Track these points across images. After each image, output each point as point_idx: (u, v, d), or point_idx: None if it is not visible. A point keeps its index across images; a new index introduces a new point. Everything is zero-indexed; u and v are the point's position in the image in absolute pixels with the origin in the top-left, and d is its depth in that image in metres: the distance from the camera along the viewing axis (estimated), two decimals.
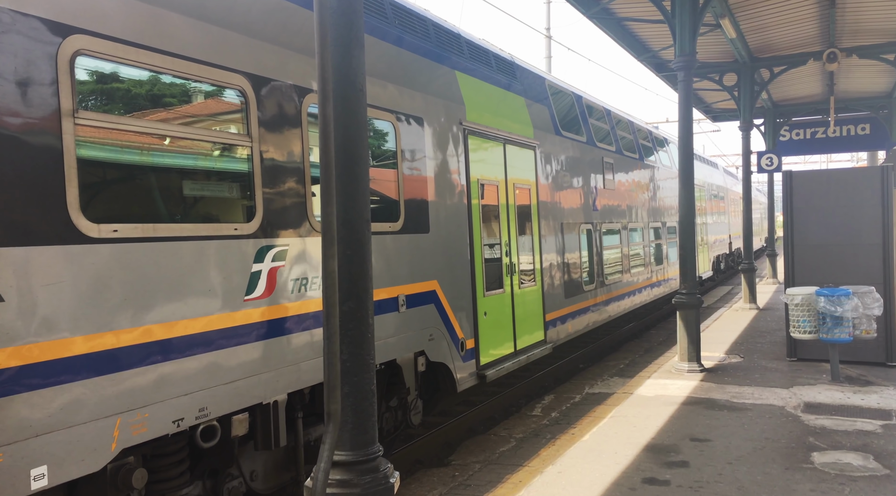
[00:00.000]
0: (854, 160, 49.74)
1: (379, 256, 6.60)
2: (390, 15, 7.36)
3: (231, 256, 4.92)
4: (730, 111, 22.75)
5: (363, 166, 3.19)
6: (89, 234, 3.96)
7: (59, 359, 3.80)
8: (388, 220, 6.80)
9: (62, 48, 3.88)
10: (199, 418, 4.60)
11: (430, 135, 7.61)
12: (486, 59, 9.50)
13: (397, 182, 6.97)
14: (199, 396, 4.61)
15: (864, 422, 7.28)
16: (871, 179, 9.90)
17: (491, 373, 8.41)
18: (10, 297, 3.57)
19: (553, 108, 11.27)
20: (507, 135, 9.40)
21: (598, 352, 13.98)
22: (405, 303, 7.00)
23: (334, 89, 3.10)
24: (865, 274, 9.78)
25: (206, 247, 4.71)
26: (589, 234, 12.37)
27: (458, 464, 7.67)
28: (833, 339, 8.94)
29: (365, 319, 3.16)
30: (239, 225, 5.01)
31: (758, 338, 12.84)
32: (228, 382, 4.84)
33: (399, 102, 7.08)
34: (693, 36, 10.07)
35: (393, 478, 3.19)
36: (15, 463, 3.55)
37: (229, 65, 4.96)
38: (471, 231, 8.32)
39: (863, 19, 13.98)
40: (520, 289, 9.54)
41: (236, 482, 5.30)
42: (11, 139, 3.62)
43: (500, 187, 9.16)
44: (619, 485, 5.81)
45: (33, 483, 3.65)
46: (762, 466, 6.09)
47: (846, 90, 20.37)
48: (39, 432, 3.68)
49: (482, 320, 8.48)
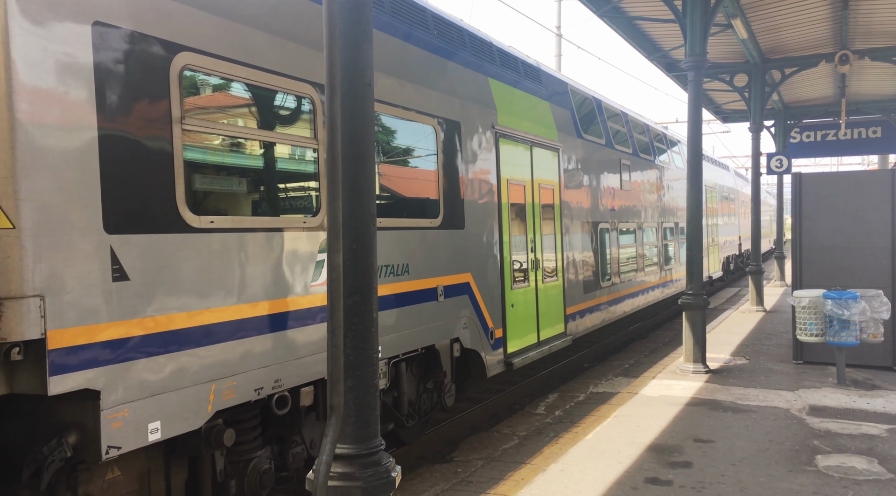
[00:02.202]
0: (865, 163, 49.44)
1: (421, 250, 7.20)
2: (432, 26, 7.88)
3: (300, 246, 5.55)
4: (740, 112, 22.65)
5: (370, 161, 3.20)
6: (192, 224, 4.62)
7: (170, 330, 4.46)
8: (429, 217, 7.40)
9: (173, 63, 4.52)
10: (274, 388, 5.27)
11: (467, 138, 8.16)
12: (515, 66, 9.97)
13: (437, 182, 7.56)
14: (275, 369, 5.26)
15: (870, 425, 7.25)
16: (881, 182, 9.84)
17: (517, 361, 8.88)
18: (134, 277, 4.26)
19: (574, 112, 11.74)
20: (534, 137, 9.91)
21: (603, 352, 13.96)
22: (443, 294, 7.60)
23: (342, 84, 3.11)
24: (873, 277, 9.73)
25: (282, 237, 5.37)
26: (607, 233, 12.81)
27: (460, 461, 7.68)
28: (840, 343, 8.90)
29: (369, 313, 3.17)
30: (307, 218, 5.63)
31: (764, 340, 12.80)
32: (297, 358, 5.49)
33: (440, 108, 7.64)
34: (704, 36, 10.03)
35: (395, 472, 3.21)
36: (137, 417, 4.23)
37: (301, 75, 5.60)
38: (500, 228, 8.84)
39: (875, 21, 13.88)
40: (543, 283, 10.05)
41: (299, 448, 5.87)
42: (135, 142, 4.28)
43: (527, 187, 9.66)
44: (621, 484, 5.81)
45: (150, 435, 4.31)
46: (765, 468, 6.08)
47: (858, 93, 20.25)
48: (155, 392, 4.35)
49: (509, 311, 8.99)
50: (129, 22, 4.29)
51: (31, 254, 3.76)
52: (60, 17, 3.96)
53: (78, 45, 4.03)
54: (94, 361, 4.04)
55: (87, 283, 4.02)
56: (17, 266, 3.73)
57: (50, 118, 3.89)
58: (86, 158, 4.04)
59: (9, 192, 3.72)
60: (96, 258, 4.06)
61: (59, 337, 3.87)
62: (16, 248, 3.72)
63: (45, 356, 3.80)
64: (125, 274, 4.21)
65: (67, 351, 3.91)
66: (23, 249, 3.73)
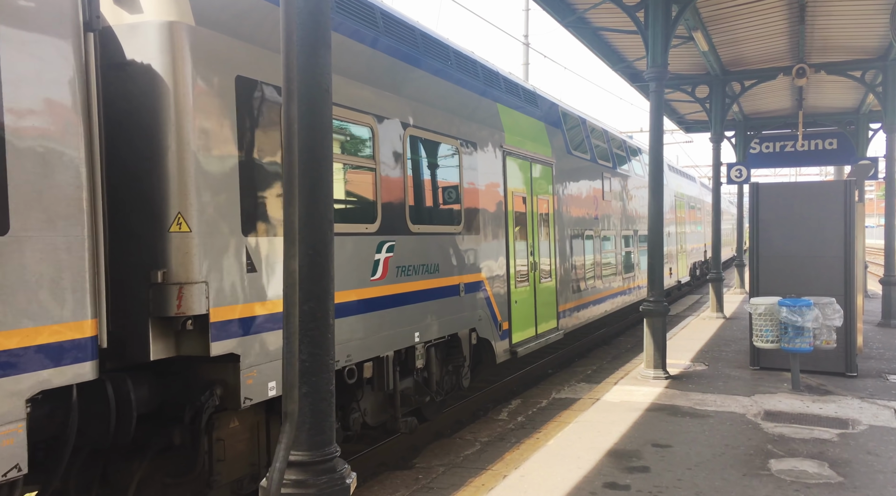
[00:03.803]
0: (823, 174, 50.70)
1: (447, 252, 8.53)
2: (453, 59, 9.23)
3: (364, 247, 6.91)
4: (702, 123, 23.07)
5: (327, 167, 3.19)
6: None
7: (274, 313, 5.68)
8: (454, 224, 8.72)
9: None
10: (347, 361, 6.59)
11: (481, 155, 9.52)
12: (517, 92, 11.39)
13: (459, 193, 8.88)
14: (347, 346, 6.58)
15: (822, 430, 7.43)
16: (836, 193, 10.11)
17: (521, 350, 10.25)
18: (260, 269, 5.58)
19: (565, 131, 13.19)
20: (533, 155, 11.34)
21: (567, 358, 14.07)
22: (464, 290, 8.91)
23: (300, 90, 3.10)
24: (827, 285, 9.98)
25: (350, 241, 6.69)
26: (591, 239, 14.36)
27: (422, 467, 7.67)
28: (794, 349, 9.11)
29: (325, 320, 3.15)
30: (368, 225, 6.98)
31: (723, 346, 13.04)
32: (361, 338, 6.82)
33: (462, 131, 8.99)
34: (665, 48, 10.21)
35: (350, 478, 3.18)
36: (261, 377, 5.56)
37: (364, 109, 6.95)
38: (507, 234, 10.20)
39: (831, 36, 14.29)
40: (540, 283, 11.40)
41: (356, 415, 7.11)
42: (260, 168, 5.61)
43: (527, 198, 11.07)
44: (580, 489, 5.86)
45: (269, 391, 5.63)
46: (721, 472, 6.19)
47: (815, 105, 20.78)
48: (272, 359, 5.65)
49: (514, 307, 10.30)
50: (259, 75, 5.62)
51: (200, 250, 5.00)
52: (217, 73, 5.21)
53: (226, 93, 5.28)
54: (236, 332, 5.30)
55: (231, 273, 5.28)
56: (192, 259, 5.00)
57: (210, 150, 5.14)
58: (230, 180, 5.28)
59: (186, 205, 4.95)
60: (237, 254, 5.35)
61: (217, 313, 5.12)
62: (192, 246, 4.97)
63: (208, 327, 5.03)
64: (254, 267, 5.53)
65: (221, 324, 5.15)
66: (196, 247, 4.98)
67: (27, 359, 3.99)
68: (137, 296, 4.89)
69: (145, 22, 4.96)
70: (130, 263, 4.92)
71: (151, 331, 4.88)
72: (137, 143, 4.97)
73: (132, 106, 4.96)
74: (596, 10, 12.49)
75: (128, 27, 4.98)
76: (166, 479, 5.49)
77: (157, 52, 4.93)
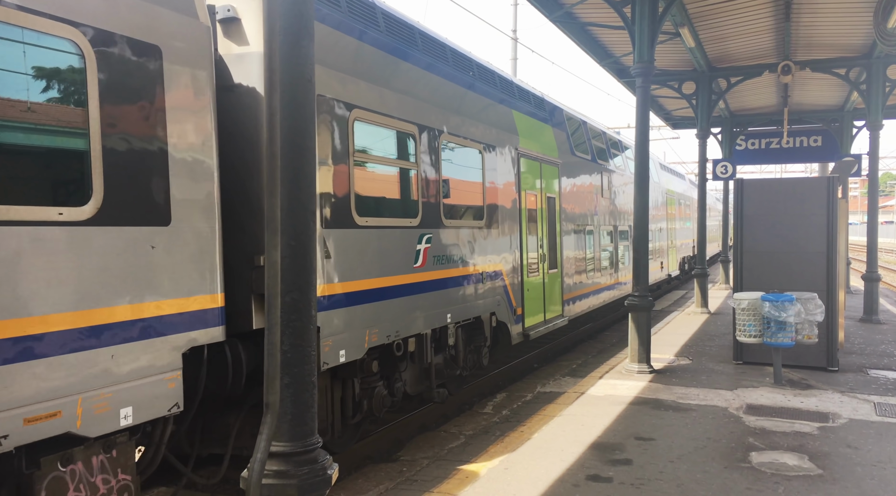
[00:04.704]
0: (808, 171, 51.11)
1: (472, 244, 9.52)
2: (476, 71, 10.22)
3: (409, 239, 7.92)
4: (688, 119, 23.18)
5: (309, 158, 3.18)
6: (359, 223, 6.95)
7: (344, 293, 6.68)
8: (478, 219, 9.74)
9: (350, 116, 6.89)
10: (396, 336, 7.62)
11: (500, 158, 10.51)
12: (528, 98, 12.33)
13: (483, 191, 9.88)
14: (395, 323, 7.60)
15: (802, 423, 7.51)
16: (819, 189, 10.19)
17: (532, 333, 11.26)
18: (333, 256, 6.52)
19: (568, 133, 14.13)
20: (542, 156, 12.31)
21: (553, 352, 14.13)
22: (486, 278, 9.90)
23: (282, 80, 3.09)
24: (810, 281, 10.07)
25: (399, 233, 7.71)
26: (593, 233, 15.38)
27: (406, 460, 7.68)
28: (776, 344, 9.20)
29: (307, 311, 3.15)
30: (411, 220, 7.98)
31: (707, 341, 13.13)
32: (407, 317, 7.84)
33: (484, 135, 10.02)
34: (651, 43, 10.24)
35: (331, 469, 3.19)
36: (334, 346, 6.55)
37: (408, 118, 7.98)
38: (520, 228, 11.17)
39: (816, 34, 14.38)
40: (548, 273, 12.48)
41: (399, 384, 8.04)
42: (329, 169, 6.54)
43: (537, 196, 12.07)
44: (563, 481, 5.89)
45: (340, 358, 6.62)
46: (702, 465, 6.24)
47: (800, 102, 20.93)
48: (342, 331, 6.67)
49: (526, 295, 11.32)
50: (330, 93, 6.58)
51: None
52: None
53: None
54: (318, 308, 6.03)
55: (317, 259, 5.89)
56: None
57: None
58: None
59: None
60: (319, 244, 6.04)
61: None
62: None
63: None
64: (329, 254, 6.45)
65: None
66: None
67: (184, 321, 4.96)
68: (243, 277, 5.76)
69: (251, 52, 5.91)
70: (238, 250, 5.76)
71: (254, 306, 5.73)
72: (243, 151, 5.84)
73: (239, 121, 5.86)
74: (583, 5, 12.51)
75: (235, 56, 5.94)
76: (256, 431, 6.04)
77: (260, 77, 5.81)
